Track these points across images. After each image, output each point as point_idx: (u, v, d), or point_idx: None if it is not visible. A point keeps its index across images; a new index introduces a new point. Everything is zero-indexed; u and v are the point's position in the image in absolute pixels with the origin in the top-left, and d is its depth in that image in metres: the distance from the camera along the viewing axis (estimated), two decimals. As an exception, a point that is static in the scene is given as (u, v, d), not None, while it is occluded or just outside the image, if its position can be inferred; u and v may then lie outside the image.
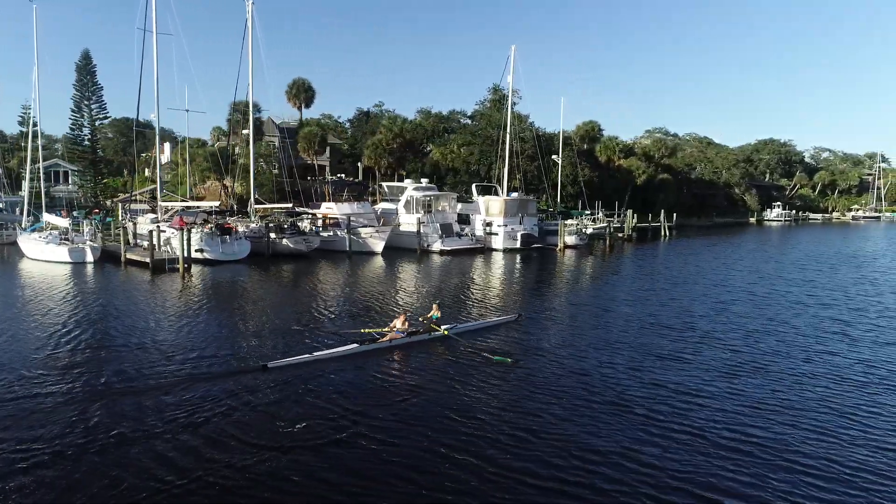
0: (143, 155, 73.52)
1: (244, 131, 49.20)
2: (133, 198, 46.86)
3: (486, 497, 8.20)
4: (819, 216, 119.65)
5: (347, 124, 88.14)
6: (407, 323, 16.55)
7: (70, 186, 61.76)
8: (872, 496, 8.41)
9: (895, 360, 15.33)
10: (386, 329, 16.63)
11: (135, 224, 39.20)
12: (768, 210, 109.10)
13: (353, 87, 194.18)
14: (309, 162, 72.18)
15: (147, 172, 72.14)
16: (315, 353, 14.64)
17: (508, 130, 51.35)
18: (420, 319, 17.36)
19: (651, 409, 11.47)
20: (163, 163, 78.30)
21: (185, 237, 31.68)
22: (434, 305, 17.84)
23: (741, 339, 17.51)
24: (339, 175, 73.82)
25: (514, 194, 48.57)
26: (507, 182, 51.73)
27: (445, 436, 10.13)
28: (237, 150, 61.13)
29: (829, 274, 33.98)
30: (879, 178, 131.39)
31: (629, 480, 8.71)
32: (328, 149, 77.12)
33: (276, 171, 65.26)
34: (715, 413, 11.40)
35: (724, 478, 8.85)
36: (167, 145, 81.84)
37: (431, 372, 13.89)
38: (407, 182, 47.64)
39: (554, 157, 56.61)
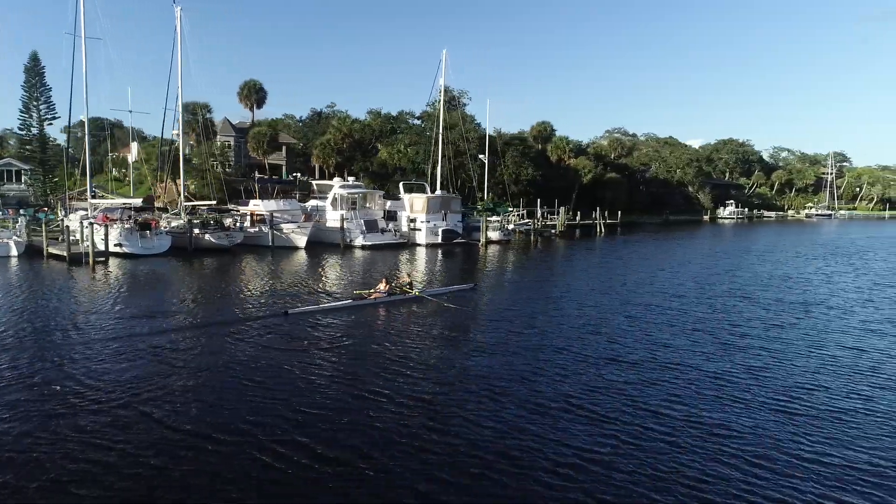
0: (111, 155, 75.49)
1: (174, 132, 51.02)
2: (70, 196, 48.62)
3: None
4: (773, 214, 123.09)
5: (301, 124, 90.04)
6: (388, 286, 21.87)
7: (21, 185, 63.32)
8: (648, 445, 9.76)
9: (695, 347, 16.13)
10: (372, 290, 21.82)
11: (62, 220, 41.04)
12: (722, 208, 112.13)
13: (313, 88, 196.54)
14: (261, 161, 74.06)
15: (115, 172, 74.19)
16: (321, 305, 20.59)
17: (440, 131, 53.63)
18: (394, 284, 22.62)
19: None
20: (130, 162, 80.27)
21: (104, 232, 33.95)
22: (406, 275, 24.63)
23: (574, 324, 18.76)
24: (294, 174, 75.68)
25: (439, 192, 50.78)
26: (440, 180, 53.98)
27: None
28: (188, 150, 62.99)
29: (718, 269, 36.14)
30: (836, 178, 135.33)
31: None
32: (284, 148, 79.03)
33: (229, 170, 67.25)
34: (510, 384, 12.80)
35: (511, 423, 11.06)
36: (135, 144, 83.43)
37: (409, 320, 19.16)
38: (335, 181, 49.73)
39: (481, 156, 59.01)
